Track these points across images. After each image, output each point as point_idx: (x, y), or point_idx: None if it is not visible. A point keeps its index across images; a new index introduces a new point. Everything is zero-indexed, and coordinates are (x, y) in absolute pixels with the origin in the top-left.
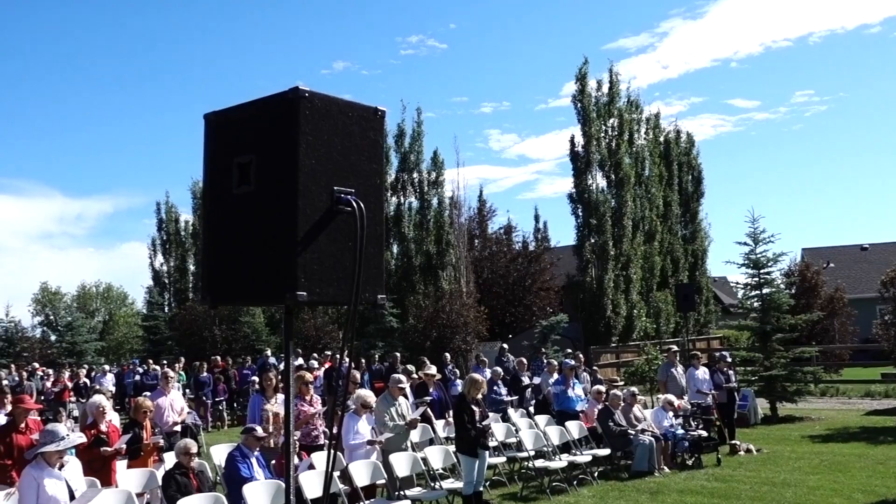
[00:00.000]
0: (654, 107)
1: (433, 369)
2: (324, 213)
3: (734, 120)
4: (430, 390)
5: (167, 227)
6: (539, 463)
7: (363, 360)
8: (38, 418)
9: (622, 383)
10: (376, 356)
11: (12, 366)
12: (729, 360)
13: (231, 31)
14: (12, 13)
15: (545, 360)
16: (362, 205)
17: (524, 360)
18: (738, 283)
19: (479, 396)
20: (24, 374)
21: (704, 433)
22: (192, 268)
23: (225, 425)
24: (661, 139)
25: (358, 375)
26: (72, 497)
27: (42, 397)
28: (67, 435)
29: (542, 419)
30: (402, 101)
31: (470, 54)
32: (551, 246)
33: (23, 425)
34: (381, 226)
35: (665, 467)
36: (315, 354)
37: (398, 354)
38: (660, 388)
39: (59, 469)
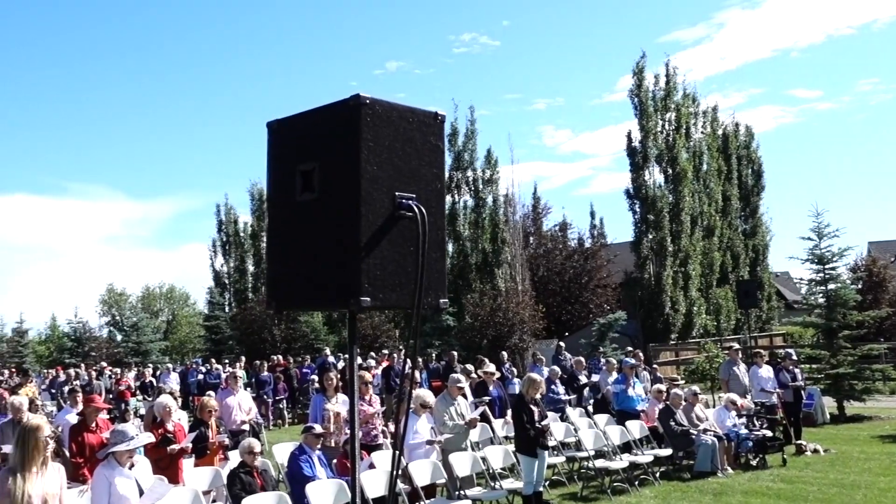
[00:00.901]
0: (711, 99)
1: (492, 367)
2: (386, 218)
3: (795, 111)
4: (490, 389)
5: (226, 228)
6: (599, 463)
7: (420, 359)
8: (108, 417)
9: (682, 382)
10: (433, 355)
11: (82, 365)
12: (794, 357)
13: (286, 34)
14: (83, 24)
15: (603, 359)
16: (424, 210)
17: (582, 360)
18: (801, 278)
19: (538, 396)
20: (94, 373)
21: (769, 433)
22: (251, 268)
23: (286, 423)
24: (720, 132)
25: (417, 375)
26: (141, 495)
27: (110, 396)
28: (137, 435)
29: (601, 418)
30: (454, 99)
31: (523, 51)
32: (608, 242)
33: (93, 424)
34: (443, 230)
35: (728, 468)
36: (372, 353)
37: (455, 353)
38: (722, 387)
39: (129, 468)
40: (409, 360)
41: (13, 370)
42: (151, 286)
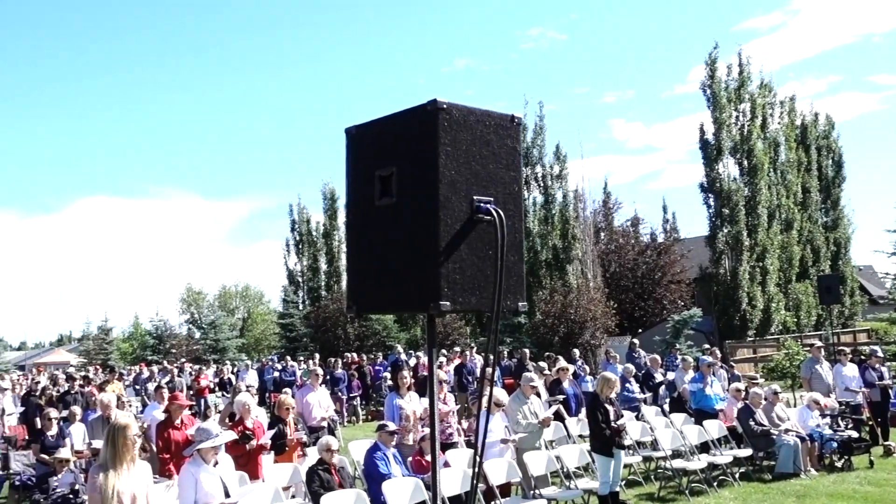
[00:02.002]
0: (788, 88)
1: (567, 365)
2: (464, 222)
3: (878, 97)
4: (565, 386)
5: (299, 227)
6: (677, 463)
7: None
8: (190, 413)
9: (761, 380)
10: (505, 352)
11: (164, 362)
12: (880, 354)
13: (355, 34)
14: (161, 33)
15: (680, 357)
16: (502, 213)
17: (657, 358)
18: (887, 272)
19: (613, 395)
20: (175, 370)
21: (855, 433)
22: (323, 266)
23: (359, 420)
24: (798, 122)
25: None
26: (226, 493)
27: (190, 392)
28: (220, 432)
29: (677, 418)
30: (524, 95)
31: (591, 43)
32: (681, 237)
33: (178, 421)
34: (521, 233)
35: (812, 469)
36: (444, 351)
37: (527, 351)
38: (803, 386)
39: (214, 466)
40: (487, 362)
41: (98, 367)
42: (227, 285)
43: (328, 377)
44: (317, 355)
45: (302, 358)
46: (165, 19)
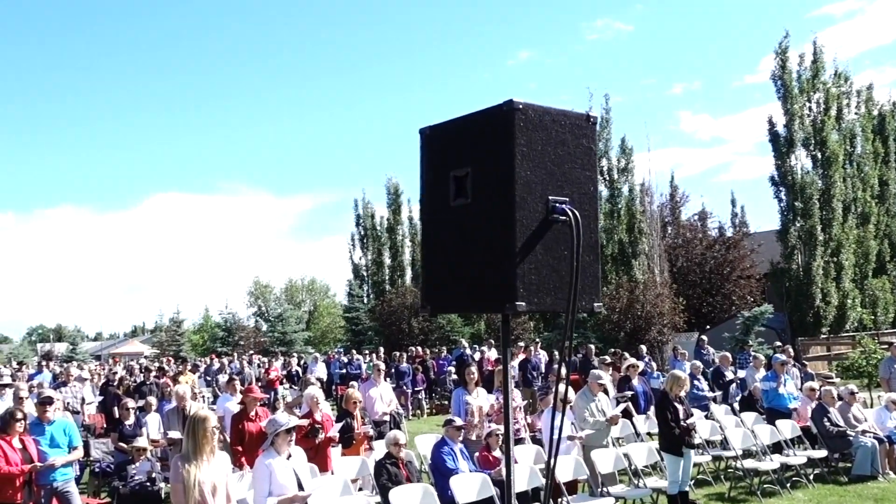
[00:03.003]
0: (865, 77)
1: (637, 362)
2: (540, 223)
3: None
4: (634, 383)
5: (364, 222)
6: (748, 463)
7: (556, 353)
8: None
9: (836, 379)
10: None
11: (234, 354)
12: None
13: (418, 28)
14: (231, 33)
15: (753, 353)
16: (577, 214)
17: (728, 355)
18: None
19: (682, 394)
20: (244, 361)
21: None
22: (387, 261)
23: (424, 414)
24: (875, 112)
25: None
26: (299, 485)
27: (259, 384)
28: (289, 421)
29: (748, 417)
30: (588, 88)
31: (658, 34)
32: (751, 231)
33: (252, 413)
34: (596, 233)
35: (890, 472)
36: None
37: (592, 346)
38: (881, 386)
39: (288, 458)
40: (560, 361)
41: (170, 358)
42: (294, 278)
43: (393, 371)
44: (381, 349)
45: (367, 351)
46: (237, 21)
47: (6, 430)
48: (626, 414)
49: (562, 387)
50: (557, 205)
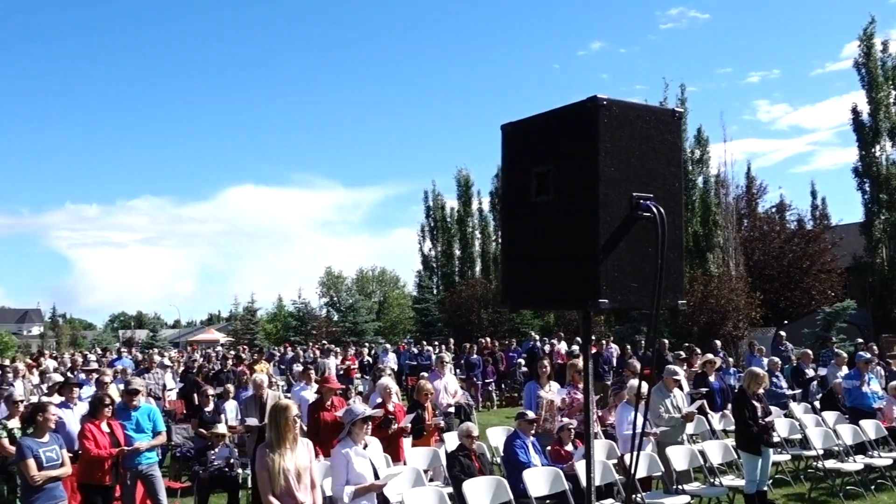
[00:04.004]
0: None
1: (714, 357)
2: (623, 219)
3: None
4: (710, 379)
5: (434, 213)
6: (829, 463)
7: (629, 347)
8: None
9: None
10: (642, 342)
11: (309, 343)
12: None
13: (486, 19)
14: (302, 27)
15: (834, 351)
16: (662, 210)
17: (809, 352)
18: None
19: (761, 391)
20: (317, 351)
21: None
22: (457, 252)
23: (494, 406)
24: None
25: (638, 365)
26: (375, 474)
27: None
28: (365, 410)
29: (830, 415)
30: (663, 78)
31: (735, 22)
32: (832, 224)
33: (329, 403)
34: (681, 230)
35: None
36: (578, 339)
37: (665, 341)
38: None
39: (364, 447)
40: (644, 359)
41: (245, 346)
42: (365, 269)
43: (463, 362)
44: (451, 340)
45: (437, 342)
46: (309, 14)
47: (95, 415)
48: (702, 411)
49: (640, 383)
50: (642, 201)
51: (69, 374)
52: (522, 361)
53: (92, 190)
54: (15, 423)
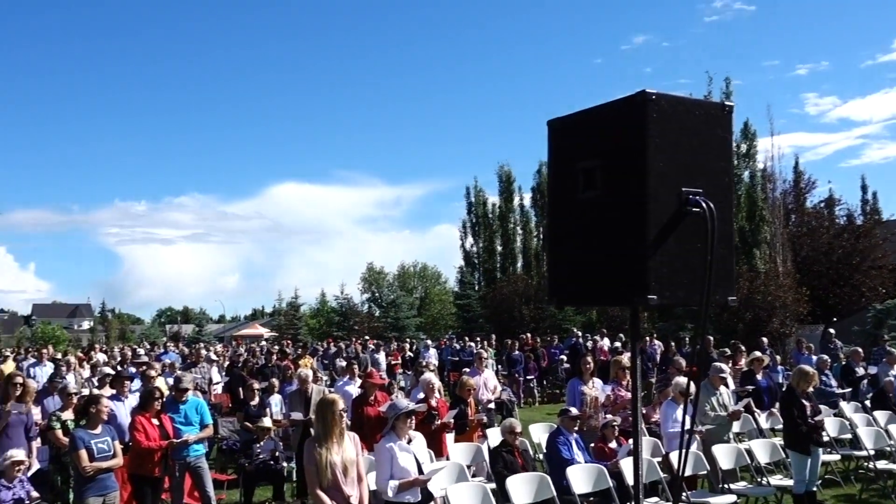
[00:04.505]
0: None
1: (761, 355)
2: (672, 215)
3: None
4: (758, 378)
5: (476, 209)
6: (881, 464)
7: (672, 343)
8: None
9: None
10: (686, 339)
11: (352, 339)
12: None
13: (526, 12)
14: (346, 30)
15: (885, 349)
16: (712, 205)
17: (859, 350)
18: None
19: (810, 389)
20: (359, 346)
21: None
22: (499, 248)
23: (536, 402)
24: None
25: (683, 362)
26: (419, 469)
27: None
28: (408, 405)
29: (881, 415)
30: (707, 71)
31: (782, 13)
32: (883, 219)
33: (372, 398)
34: (731, 225)
35: None
36: (621, 335)
37: (710, 338)
38: None
39: (408, 442)
40: (693, 357)
41: (289, 341)
42: (406, 265)
43: (505, 358)
44: (493, 336)
45: (479, 338)
46: (350, 12)
47: (146, 407)
48: (748, 409)
49: (689, 382)
50: (691, 196)
51: (119, 367)
52: (565, 358)
53: (140, 187)
54: (69, 415)
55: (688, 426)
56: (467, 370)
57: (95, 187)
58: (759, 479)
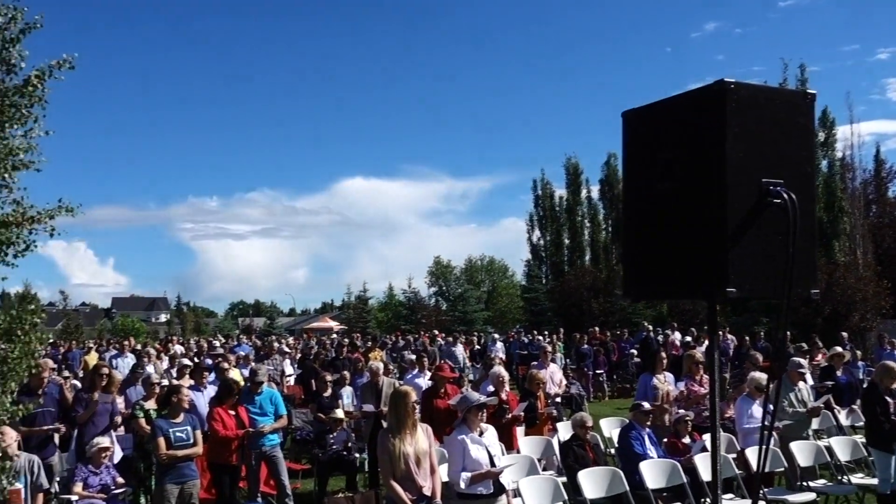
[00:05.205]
0: None
1: (841, 350)
2: (752, 206)
3: None
4: (838, 374)
5: (543, 202)
6: None
7: (747, 338)
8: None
9: None
10: (761, 333)
11: (420, 332)
12: None
13: (593, 1)
14: (419, 28)
15: None
16: (794, 196)
17: None
18: None
19: (894, 387)
20: (427, 340)
21: None
22: (566, 241)
23: (606, 397)
24: None
25: (759, 356)
26: (491, 462)
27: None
28: (479, 398)
29: None
30: (782, 58)
31: None
32: None
33: (442, 390)
34: (814, 216)
35: None
36: (693, 329)
37: (787, 332)
38: None
39: (480, 434)
40: (776, 355)
41: (359, 334)
42: (473, 258)
43: (574, 352)
44: (561, 330)
45: (547, 332)
46: (414, 10)
47: (223, 400)
48: (828, 406)
49: (770, 379)
50: (772, 187)
51: (196, 359)
52: (635, 352)
53: (212, 184)
54: (151, 405)
55: (767, 422)
56: (535, 363)
57: (170, 184)
58: (839, 477)
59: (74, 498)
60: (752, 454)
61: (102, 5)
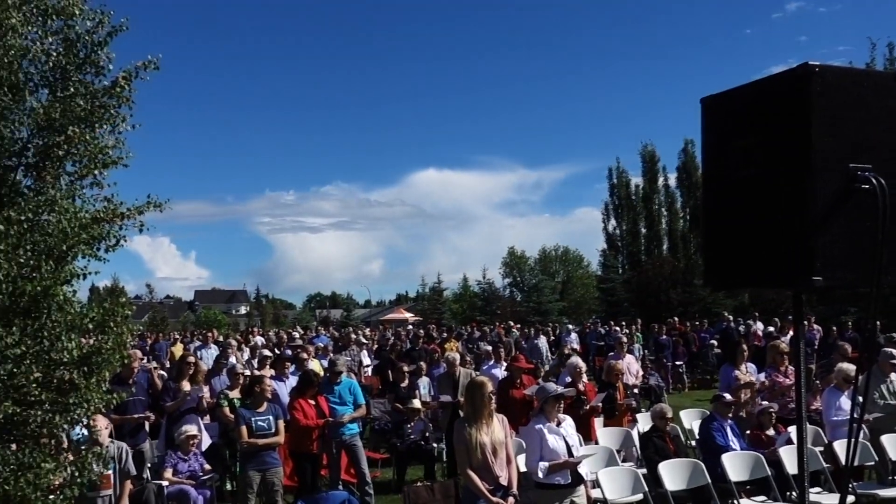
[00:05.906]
0: None
1: None
2: (839, 192)
3: None
4: None
5: (618, 191)
6: None
7: (833, 328)
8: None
9: None
10: (848, 323)
11: (495, 323)
12: None
13: None
14: (476, 18)
15: None
16: (883, 181)
17: None
18: None
19: None
20: (503, 330)
21: None
22: (643, 230)
23: (685, 388)
24: None
25: (848, 347)
26: (569, 452)
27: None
28: (557, 388)
29: None
30: (869, 37)
31: None
32: None
33: (518, 381)
34: None
35: None
36: (776, 319)
37: (877, 322)
38: None
39: (557, 425)
40: (866, 348)
41: (434, 325)
42: (548, 248)
43: (652, 343)
44: (639, 320)
45: (623, 322)
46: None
47: (304, 389)
48: None
49: (853, 366)
50: (860, 172)
51: (276, 350)
52: (715, 343)
53: (288, 178)
54: (236, 394)
55: (857, 414)
56: (611, 354)
57: (248, 179)
58: None
59: (165, 483)
60: (840, 447)
61: (188, 5)
